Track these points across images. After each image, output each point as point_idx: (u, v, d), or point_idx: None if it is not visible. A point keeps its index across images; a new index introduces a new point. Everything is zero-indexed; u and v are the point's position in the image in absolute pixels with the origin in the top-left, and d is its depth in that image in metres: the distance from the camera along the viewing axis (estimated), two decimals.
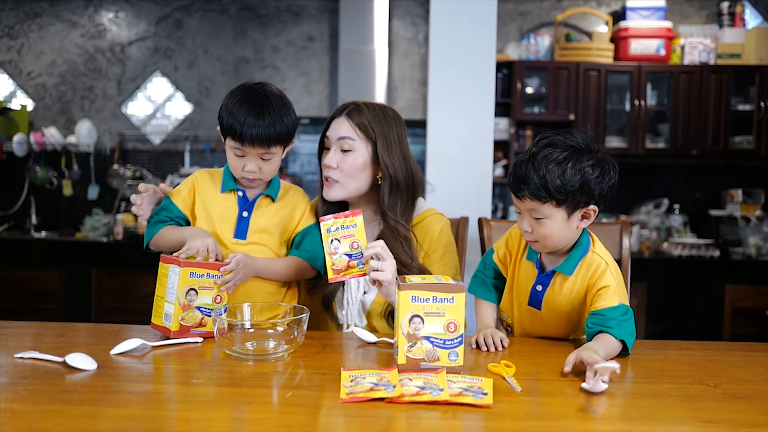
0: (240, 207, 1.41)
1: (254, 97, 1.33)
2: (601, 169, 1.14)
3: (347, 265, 1.24)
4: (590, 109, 3.77)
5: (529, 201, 1.14)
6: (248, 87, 1.36)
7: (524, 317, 1.32)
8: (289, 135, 1.37)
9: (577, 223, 1.18)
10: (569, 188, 1.11)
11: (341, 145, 1.44)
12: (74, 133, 3.94)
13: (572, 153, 1.13)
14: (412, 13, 4.14)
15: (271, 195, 1.44)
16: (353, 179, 1.44)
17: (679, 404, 0.92)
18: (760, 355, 1.20)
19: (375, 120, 1.44)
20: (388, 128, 1.45)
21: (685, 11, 4.10)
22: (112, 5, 4.16)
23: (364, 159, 1.44)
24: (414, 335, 1.03)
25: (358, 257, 1.24)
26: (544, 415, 0.87)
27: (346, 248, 1.24)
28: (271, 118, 1.31)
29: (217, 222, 1.40)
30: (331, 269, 1.24)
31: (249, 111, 1.31)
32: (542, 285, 1.25)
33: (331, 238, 1.24)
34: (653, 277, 3.53)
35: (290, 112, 1.37)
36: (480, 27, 2.41)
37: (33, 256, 3.67)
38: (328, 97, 4.16)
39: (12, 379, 0.95)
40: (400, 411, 0.87)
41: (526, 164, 1.14)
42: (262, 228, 1.41)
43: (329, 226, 1.24)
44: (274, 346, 1.14)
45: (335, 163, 1.43)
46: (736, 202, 3.80)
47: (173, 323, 1.20)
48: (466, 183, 2.42)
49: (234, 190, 1.41)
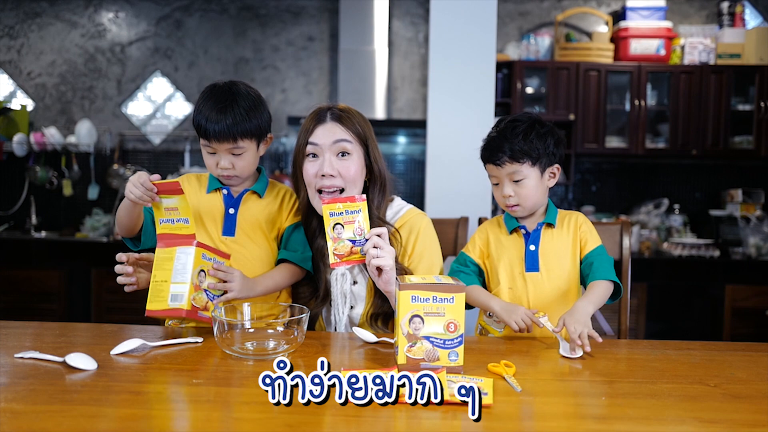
0: (226, 204, 1.41)
1: (219, 93, 1.35)
2: (556, 135, 1.43)
3: (350, 251, 1.22)
4: (590, 109, 3.77)
5: (509, 165, 1.38)
6: (216, 85, 1.38)
7: (522, 291, 1.40)
8: (258, 130, 1.37)
9: (546, 182, 1.43)
10: (539, 148, 1.38)
11: (338, 150, 1.37)
12: (74, 133, 3.94)
13: (533, 123, 1.40)
14: (412, 13, 4.14)
15: (258, 191, 1.43)
16: (355, 184, 1.39)
17: (679, 404, 0.92)
18: (760, 355, 1.20)
19: (361, 122, 1.42)
20: (370, 130, 1.44)
21: (685, 11, 4.10)
22: (112, 5, 4.16)
23: (360, 162, 1.40)
24: (414, 335, 1.03)
25: (361, 243, 1.22)
26: (544, 415, 0.87)
27: (349, 234, 1.21)
28: (234, 113, 1.32)
29: (205, 221, 1.41)
30: (333, 254, 1.22)
31: (213, 107, 1.33)
32: (534, 244, 1.42)
33: (334, 223, 1.21)
34: (653, 277, 3.53)
35: (258, 106, 1.37)
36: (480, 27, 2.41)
37: (33, 256, 3.67)
38: (328, 97, 4.16)
39: (12, 379, 0.95)
40: (400, 411, 0.87)
41: (499, 137, 1.39)
42: (251, 224, 1.41)
43: (333, 210, 1.21)
44: (274, 346, 1.14)
45: (335, 170, 1.36)
46: (736, 202, 3.80)
47: (186, 302, 1.19)
48: (466, 183, 2.43)
49: (219, 189, 1.42)
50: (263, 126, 1.39)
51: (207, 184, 1.44)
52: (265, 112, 1.40)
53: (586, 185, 4.17)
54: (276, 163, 4.16)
